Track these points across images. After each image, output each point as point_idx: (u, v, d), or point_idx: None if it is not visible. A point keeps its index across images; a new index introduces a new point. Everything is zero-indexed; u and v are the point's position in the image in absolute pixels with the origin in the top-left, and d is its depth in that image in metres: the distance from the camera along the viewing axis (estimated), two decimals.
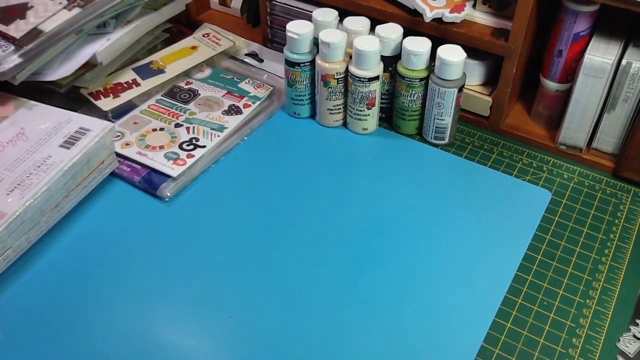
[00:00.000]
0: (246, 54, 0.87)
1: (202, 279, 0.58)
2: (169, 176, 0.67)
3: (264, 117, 0.77)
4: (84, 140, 0.63)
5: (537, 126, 0.76)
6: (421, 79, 0.70)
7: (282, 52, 0.73)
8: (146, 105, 0.76)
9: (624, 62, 0.63)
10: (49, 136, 0.64)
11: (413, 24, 0.71)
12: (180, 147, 0.70)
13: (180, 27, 0.89)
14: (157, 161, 0.68)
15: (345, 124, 0.76)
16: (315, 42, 0.71)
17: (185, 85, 0.80)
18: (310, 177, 0.69)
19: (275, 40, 0.87)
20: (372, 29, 0.72)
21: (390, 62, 0.72)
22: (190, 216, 0.64)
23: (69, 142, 0.63)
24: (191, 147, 0.70)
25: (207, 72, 0.82)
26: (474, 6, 0.71)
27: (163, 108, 0.76)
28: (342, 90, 0.73)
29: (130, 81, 0.77)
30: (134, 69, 0.79)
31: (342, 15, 0.74)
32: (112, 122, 0.72)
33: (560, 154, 0.73)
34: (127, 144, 0.70)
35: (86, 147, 0.62)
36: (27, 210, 0.57)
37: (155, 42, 0.84)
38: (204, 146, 0.70)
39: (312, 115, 0.78)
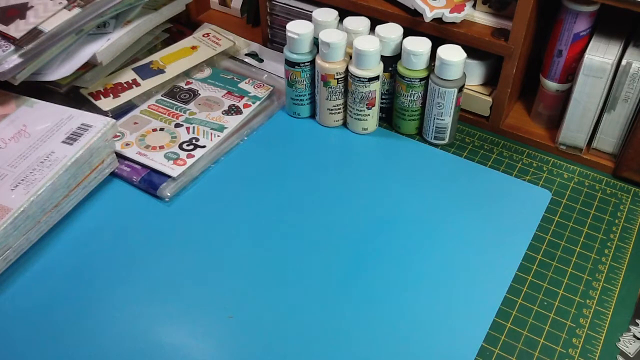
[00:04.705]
0: (246, 54, 0.87)
1: (202, 279, 0.58)
2: (169, 176, 0.67)
3: (264, 117, 0.77)
4: (87, 136, 0.63)
5: (537, 126, 0.76)
6: (421, 79, 0.70)
7: (282, 52, 0.73)
8: (146, 105, 0.76)
9: (624, 62, 0.63)
10: (51, 133, 0.64)
11: (413, 24, 0.72)
12: (180, 147, 0.70)
13: (180, 27, 0.89)
14: (157, 161, 0.68)
15: (345, 124, 0.76)
16: (315, 42, 0.71)
17: (185, 85, 0.80)
18: (310, 177, 0.69)
19: (275, 40, 0.87)
20: (372, 29, 0.72)
21: (390, 62, 0.72)
22: (190, 216, 0.64)
23: (72, 138, 0.63)
24: (191, 147, 0.70)
25: (207, 72, 0.82)
26: (474, 6, 0.71)
27: (163, 108, 0.76)
28: (342, 90, 0.73)
29: (130, 81, 0.77)
30: (134, 69, 0.79)
31: (342, 15, 0.74)
32: None
33: (560, 154, 0.73)
34: (127, 144, 0.70)
35: (89, 142, 0.62)
36: (32, 205, 0.57)
37: (155, 42, 0.84)
38: (204, 146, 0.70)
39: (312, 115, 0.78)
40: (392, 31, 0.70)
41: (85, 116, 0.66)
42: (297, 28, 0.71)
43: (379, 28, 0.71)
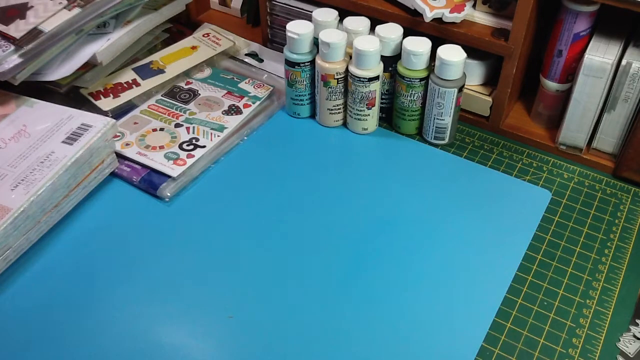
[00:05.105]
0: (246, 54, 0.87)
1: (202, 279, 0.58)
2: (169, 176, 0.67)
3: (264, 117, 0.77)
4: (87, 136, 0.63)
5: (537, 126, 0.76)
6: (421, 79, 0.70)
7: (282, 52, 0.73)
8: (146, 105, 0.76)
9: (624, 62, 0.63)
10: (51, 133, 0.64)
11: (413, 24, 0.72)
12: (180, 147, 0.70)
13: (180, 27, 0.89)
14: (157, 161, 0.68)
15: (345, 124, 0.76)
16: (315, 42, 0.71)
17: (185, 85, 0.80)
18: (310, 177, 0.69)
19: (275, 40, 0.87)
20: (372, 29, 0.72)
21: (390, 62, 0.72)
22: (190, 216, 0.64)
23: (72, 138, 0.63)
24: (191, 147, 0.70)
25: (207, 72, 0.82)
26: (474, 6, 0.71)
27: (163, 108, 0.76)
28: (342, 90, 0.73)
29: (130, 81, 0.77)
30: (134, 69, 0.79)
31: (342, 15, 0.74)
32: None
33: (560, 154, 0.73)
34: (127, 144, 0.70)
35: (89, 142, 0.63)
36: (32, 205, 0.57)
37: (155, 42, 0.84)
38: (204, 146, 0.70)
39: (312, 115, 0.78)
40: (392, 31, 0.70)
41: (85, 116, 0.66)
42: (297, 28, 0.71)
43: (379, 28, 0.71)
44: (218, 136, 0.72)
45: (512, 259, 0.61)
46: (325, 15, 0.73)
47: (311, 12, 0.74)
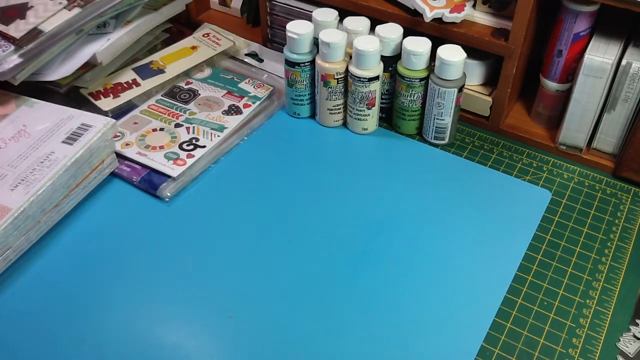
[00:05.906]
0: (246, 54, 0.87)
1: (202, 279, 0.58)
2: (169, 176, 0.67)
3: (264, 117, 0.77)
4: (87, 136, 0.63)
5: (537, 126, 0.76)
6: (421, 79, 0.70)
7: (282, 52, 0.73)
8: (146, 105, 0.76)
9: (624, 62, 0.63)
10: (51, 133, 0.64)
11: (413, 24, 0.72)
12: (180, 147, 0.70)
13: (180, 27, 0.89)
14: (157, 161, 0.68)
15: (345, 124, 0.76)
16: (315, 42, 0.71)
17: (185, 85, 0.80)
18: (310, 177, 0.69)
19: (275, 40, 0.87)
20: (372, 29, 0.72)
21: (390, 62, 0.72)
22: (190, 216, 0.64)
23: (72, 138, 0.63)
24: (191, 147, 0.70)
25: (207, 72, 0.82)
26: (474, 6, 0.71)
27: (163, 108, 0.76)
28: (342, 90, 0.73)
29: (130, 81, 0.77)
30: (134, 69, 0.79)
31: (342, 15, 0.74)
32: None
33: (560, 154, 0.73)
34: (127, 144, 0.70)
35: (89, 142, 0.63)
36: (32, 205, 0.57)
37: (155, 42, 0.84)
38: (204, 146, 0.70)
39: (312, 115, 0.78)
40: (392, 31, 0.70)
41: (85, 116, 0.66)
42: (297, 28, 0.71)
43: (379, 28, 0.71)
44: (218, 136, 0.72)
45: (512, 259, 0.61)
46: (325, 15, 0.73)
47: (311, 12, 0.74)
